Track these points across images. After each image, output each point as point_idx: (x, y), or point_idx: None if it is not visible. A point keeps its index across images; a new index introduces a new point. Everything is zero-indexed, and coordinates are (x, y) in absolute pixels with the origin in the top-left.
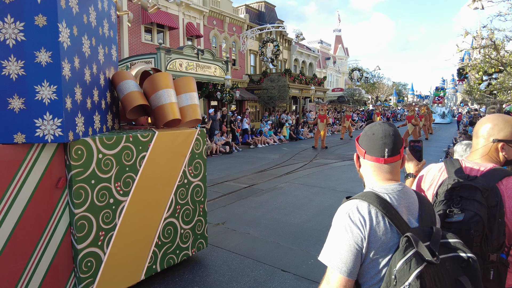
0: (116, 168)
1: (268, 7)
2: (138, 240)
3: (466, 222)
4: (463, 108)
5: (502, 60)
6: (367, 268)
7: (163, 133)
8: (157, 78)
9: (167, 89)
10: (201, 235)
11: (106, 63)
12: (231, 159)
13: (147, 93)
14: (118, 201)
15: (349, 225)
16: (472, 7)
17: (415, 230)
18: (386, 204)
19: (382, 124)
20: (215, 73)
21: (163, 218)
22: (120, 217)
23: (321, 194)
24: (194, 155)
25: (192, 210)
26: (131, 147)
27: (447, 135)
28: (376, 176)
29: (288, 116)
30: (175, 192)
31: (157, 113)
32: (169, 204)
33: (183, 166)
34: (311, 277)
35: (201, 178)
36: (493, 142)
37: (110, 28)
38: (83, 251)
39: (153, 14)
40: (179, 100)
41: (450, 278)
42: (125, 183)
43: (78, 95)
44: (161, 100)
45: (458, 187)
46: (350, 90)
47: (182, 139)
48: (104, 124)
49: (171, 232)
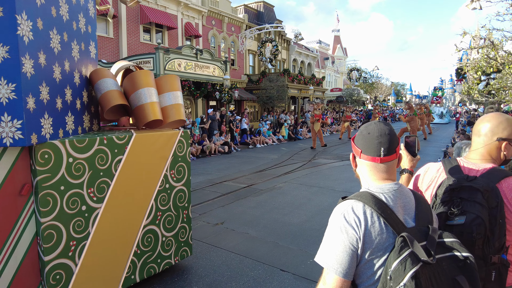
0: (89, 173)
1: (267, 7)
2: (115, 249)
3: (468, 225)
4: (461, 108)
5: (500, 60)
6: (363, 268)
7: (141, 135)
8: (137, 76)
9: (148, 87)
10: (185, 242)
11: (83, 61)
12: (230, 159)
13: (127, 92)
14: (92, 208)
15: (344, 225)
16: (471, 7)
17: (411, 229)
18: (381, 204)
19: (377, 123)
20: (214, 73)
21: (142, 225)
22: (93, 225)
23: (320, 194)
24: (177, 158)
25: (175, 216)
26: (105, 150)
27: (446, 135)
28: (372, 176)
29: (287, 116)
30: (156, 197)
31: (137, 113)
32: (149, 210)
33: (165, 170)
34: (310, 277)
35: (185, 182)
36: (497, 140)
37: (88, 23)
38: (51, 263)
39: (152, 14)
40: (162, 100)
41: (447, 278)
42: (99, 189)
43: (45, 94)
44: (141, 99)
45: (458, 188)
46: (348, 90)
47: (163, 141)
48: (80, 125)
49: (151, 240)
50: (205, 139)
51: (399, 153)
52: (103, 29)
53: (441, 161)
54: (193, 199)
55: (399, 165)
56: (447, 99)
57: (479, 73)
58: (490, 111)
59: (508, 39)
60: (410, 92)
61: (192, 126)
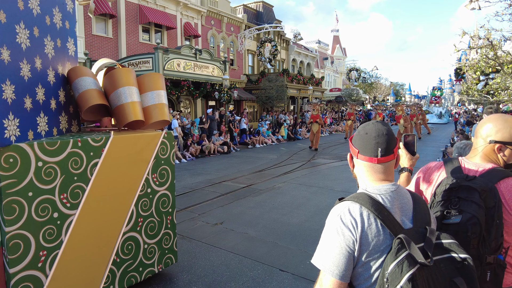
0: (62, 177)
1: (266, 7)
2: (91, 258)
3: (463, 224)
4: (460, 108)
5: (499, 60)
6: (360, 270)
7: (120, 137)
8: (116, 74)
9: (128, 86)
10: (169, 249)
11: (58, 58)
12: (229, 159)
13: (107, 91)
14: (64, 215)
15: (341, 227)
16: (469, 7)
17: (409, 231)
18: (378, 206)
19: (375, 124)
20: (213, 73)
21: (121, 232)
22: (67, 233)
23: (319, 194)
24: (160, 161)
25: (158, 222)
26: (79, 153)
27: (445, 135)
28: (370, 176)
29: (286, 116)
30: (136, 203)
31: (117, 114)
32: (129, 216)
33: (146, 174)
34: (309, 277)
35: (168, 186)
36: (489, 143)
37: (65, 18)
38: (18, 275)
39: (151, 14)
40: (144, 99)
41: (444, 280)
42: (73, 195)
43: (9, 93)
44: (121, 99)
45: (456, 187)
46: (348, 90)
47: (144, 143)
48: (55, 126)
49: (132, 247)
50: (204, 139)
51: (397, 154)
52: (102, 29)
53: (442, 160)
54: (192, 199)
55: (397, 166)
56: (446, 99)
57: (478, 73)
58: (489, 111)
59: (507, 39)
60: (409, 92)
61: (191, 126)
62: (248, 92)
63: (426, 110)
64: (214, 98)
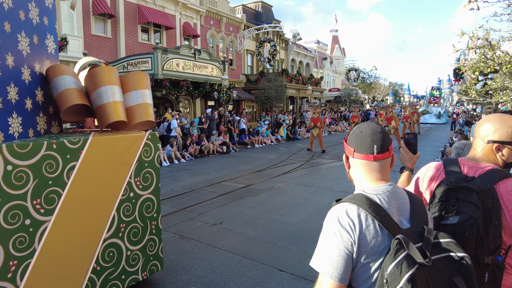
0: (35, 182)
1: (265, 7)
2: (68, 267)
3: (460, 225)
4: (459, 109)
5: (498, 60)
6: (359, 272)
7: (99, 138)
8: (98, 73)
9: (111, 85)
10: (154, 256)
11: (36, 55)
12: (228, 159)
13: (88, 90)
14: (38, 221)
15: (339, 229)
16: (468, 7)
17: (407, 231)
18: (376, 207)
19: (369, 123)
20: (212, 73)
21: (102, 239)
22: (40, 241)
23: (318, 194)
24: (143, 164)
25: (141, 228)
26: (55, 156)
27: (443, 135)
28: (366, 176)
29: (285, 116)
30: (118, 208)
31: (98, 114)
32: (110, 222)
33: (128, 177)
34: (308, 277)
35: (153, 190)
36: (487, 142)
37: (43, 14)
38: None
39: (150, 14)
40: (127, 99)
41: (443, 279)
42: (47, 200)
43: None
44: (102, 98)
45: (455, 188)
46: (347, 90)
47: (126, 145)
48: (32, 128)
49: (113, 255)
50: (204, 139)
51: (392, 153)
52: (101, 29)
53: (442, 161)
54: (192, 199)
55: (392, 166)
56: (445, 99)
57: (477, 73)
58: (488, 111)
59: (506, 39)
60: (408, 92)
61: (190, 126)
62: (247, 92)
63: (424, 110)
64: (213, 98)
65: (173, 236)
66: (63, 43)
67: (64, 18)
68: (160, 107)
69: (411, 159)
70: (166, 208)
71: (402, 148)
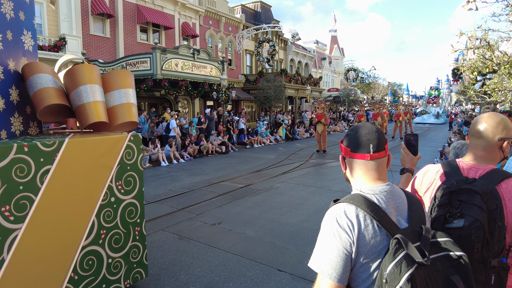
0: (3, 187)
1: (264, 7)
2: (42, 277)
3: (466, 228)
4: (457, 109)
5: (496, 60)
6: (358, 272)
7: (77, 140)
8: (77, 71)
9: (91, 84)
10: (138, 263)
11: (10, 52)
12: (227, 159)
13: (67, 90)
14: (7, 230)
15: (337, 230)
16: (467, 8)
17: (405, 230)
18: (374, 207)
19: (364, 123)
20: (211, 73)
21: (80, 246)
22: (10, 250)
23: (317, 194)
24: (125, 167)
25: (124, 234)
26: (26, 160)
27: (442, 135)
28: (363, 175)
29: (284, 116)
30: (98, 213)
31: (78, 114)
32: (89, 228)
33: (109, 181)
34: (307, 277)
35: (136, 195)
36: (499, 140)
37: (19, 9)
38: None
39: (149, 13)
40: (109, 98)
41: (441, 278)
42: (18, 207)
43: None
44: (82, 98)
45: (457, 190)
46: (345, 90)
47: (106, 147)
48: (4, 129)
49: (93, 263)
50: (202, 139)
51: (388, 152)
52: (100, 28)
53: (439, 163)
54: (190, 199)
55: (389, 166)
56: (444, 99)
57: (475, 73)
58: (486, 111)
59: (504, 39)
60: (407, 92)
61: (189, 126)
62: (246, 92)
63: (423, 110)
64: (212, 98)
65: (172, 236)
66: (62, 43)
67: (62, 18)
68: (159, 107)
69: (412, 160)
70: (165, 208)
71: (402, 149)
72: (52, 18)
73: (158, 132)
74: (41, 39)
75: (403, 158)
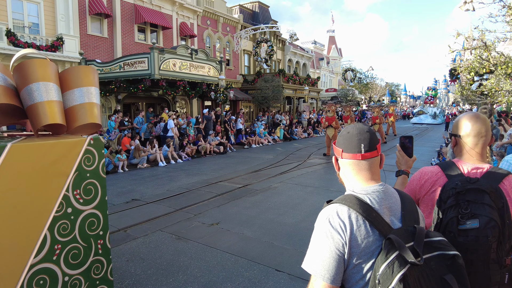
0: None
1: (262, 7)
2: None
3: (483, 229)
4: (455, 109)
5: (493, 61)
6: (352, 273)
7: (22, 145)
8: (29, 67)
9: (44, 82)
10: (101, 279)
11: None
12: (225, 159)
13: (18, 87)
14: None
15: (330, 231)
16: (464, 8)
17: (398, 231)
18: (366, 207)
19: (356, 124)
20: (209, 73)
21: (28, 265)
22: None
23: (315, 194)
24: (84, 174)
25: (84, 248)
26: None
27: (439, 136)
28: (356, 176)
29: (282, 116)
30: (51, 226)
31: (30, 115)
32: (40, 244)
33: (64, 190)
34: (305, 277)
35: (98, 204)
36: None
37: None
38: None
39: (146, 13)
40: (68, 98)
41: (435, 278)
42: None
43: None
44: (33, 97)
45: (463, 191)
46: (343, 90)
47: (61, 153)
48: None
49: (45, 282)
50: (200, 139)
51: (380, 152)
52: (98, 28)
53: (437, 165)
54: (188, 199)
55: (382, 166)
56: (441, 99)
57: (472, 74)
58: (483, 111)
59: (501, 40)
60: (404, 92)
61: (187, 126)
62: (244, 92)
63: (420, 110)
64: (210, 98)
65: (170, 236)
66: (59, 43)
67: (60, 17)
68: (156, 107)
69: (407, 162)
70: (163, 208)
71: (397, 152)
72: (49, 17)
73: (156, 132)
74: (38, 39)
75: (398, 161)
